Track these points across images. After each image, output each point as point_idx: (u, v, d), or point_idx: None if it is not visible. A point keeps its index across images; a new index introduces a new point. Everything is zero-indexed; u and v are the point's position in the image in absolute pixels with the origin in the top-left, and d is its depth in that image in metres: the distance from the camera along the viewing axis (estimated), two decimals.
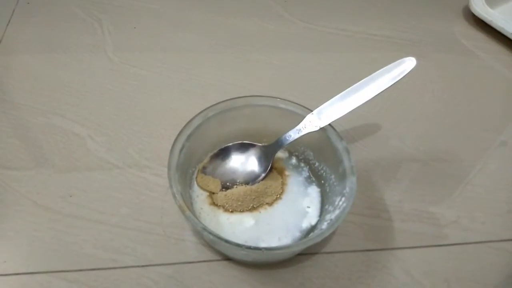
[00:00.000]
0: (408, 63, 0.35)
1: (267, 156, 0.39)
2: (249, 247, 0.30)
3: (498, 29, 0.58)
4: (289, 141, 0.37)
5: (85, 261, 0.34)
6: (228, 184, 0.38)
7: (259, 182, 0.38)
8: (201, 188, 0.38)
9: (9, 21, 0.56)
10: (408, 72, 0.35)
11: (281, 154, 0.41)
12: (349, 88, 0.36)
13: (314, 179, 0.39)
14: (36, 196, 0.38)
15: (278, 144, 0.38)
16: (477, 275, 0.36)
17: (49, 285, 0.33)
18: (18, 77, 0.49)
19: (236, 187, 0.38)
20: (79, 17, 0.57)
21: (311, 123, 0.37)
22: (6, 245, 0.35)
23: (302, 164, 0.40)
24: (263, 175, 0.38)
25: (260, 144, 0.39)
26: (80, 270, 0.34)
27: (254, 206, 0.37)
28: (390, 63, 0.36)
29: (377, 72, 0.36)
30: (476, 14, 0.60)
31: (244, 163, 0.39)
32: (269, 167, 0.39)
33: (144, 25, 0.57)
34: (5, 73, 0.49)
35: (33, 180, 0.39)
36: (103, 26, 0.56)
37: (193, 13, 0.60)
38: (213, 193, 0.38)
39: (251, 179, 0.38)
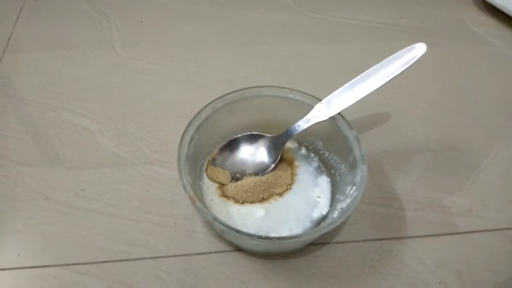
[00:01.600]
0: (419, 49, 0.35)
1: (277, 147, 0.39)
2: (260, 237, 0.30)
3: (509, 14, 0.57)
4: (298, 131, 0.37)
5: (98, 253, 0.35)
6: (238, 175, 0.38)
7: (268, 173, 0.38)
8: (211, 179, 0.38)
9: (17, 19, 0.56)
10: (419, 58, 0.35)
11: (290, 144, 0.41)
12: (358, 76, 0.36)
13: (324, 169, 0.39)
14: (47, 191, 0.39)
15: (287, 135, 0.38)
16: (491, 263, 0.35)
17: (62, 278, 0.33)
18: (28, 74, 0.49)
19: (246, 178, 0.38)
20: (86, 13, 0.58)
21: (320, 113, 0.36)
22: (19, 239, 0.36)
23: (312, 154, 0.40)
24: (272, 165, 0.38)
25: (269, 135, 0.39)
26: (93, 262, 0.34)
27: (264, 197, 0.37)
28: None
29: (387, 58, 0.36)
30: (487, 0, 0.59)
31: (254, 154, 0.39)
32: (278, 158, 0.38)
33: (151, 19, 0.57)
34: (15, 70, 0.50)
35: (45, 174, 0.40)
36: (110, 21, 0.57)
37: (199, 6, 0.60)
38: (223, 184, 0.38)
39: (261, 170, 0.38)
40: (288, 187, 0.38)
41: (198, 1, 0.60)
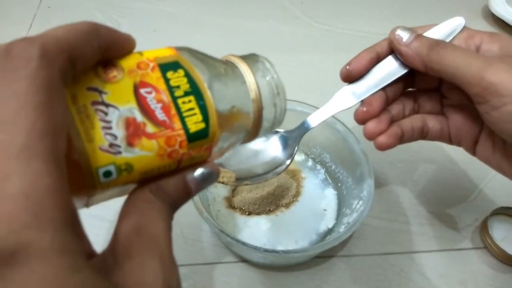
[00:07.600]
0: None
1: (291, 142, 0.33)
2: (266, 250, 0.30)
3: None
4: (317, 123, 0.32)
5: None
6: (244, 175, 0.32)
7: (282, 171, 0.33)
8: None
9: (30, 25, 0.57)
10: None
11: (297, 156, 0.41)
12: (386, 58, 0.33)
13: (330, 181, 0.39)
14: None
15: (304, 127, 0.32)
16: (496, 279, 0.35)
17: None
18: None
19: (252, 178, 0.32)
20: (98, 21, 0.57)
21: (344, 99, 0.33)
22: None
23: (319, 167, 0.40)
24: (288, 162, 0.32)
25: (281, 130, 0.34)
26: None
27: (271, 209, 0.37)
28: None
29: None
30: (496, 13, 0.59)
31: (263, 150, 0.34)
32: (294, 153, 0.32)
33: (162, 29, 0.58)
34: None
35: None
36: (122, 29, 0.57)
37: (209, 16, 0.60)
38: (226, 184, 0.32)
39: (272, 168, 0.33)
40: (294, 199, 0.38)
41: (209, 11, 0.61)
